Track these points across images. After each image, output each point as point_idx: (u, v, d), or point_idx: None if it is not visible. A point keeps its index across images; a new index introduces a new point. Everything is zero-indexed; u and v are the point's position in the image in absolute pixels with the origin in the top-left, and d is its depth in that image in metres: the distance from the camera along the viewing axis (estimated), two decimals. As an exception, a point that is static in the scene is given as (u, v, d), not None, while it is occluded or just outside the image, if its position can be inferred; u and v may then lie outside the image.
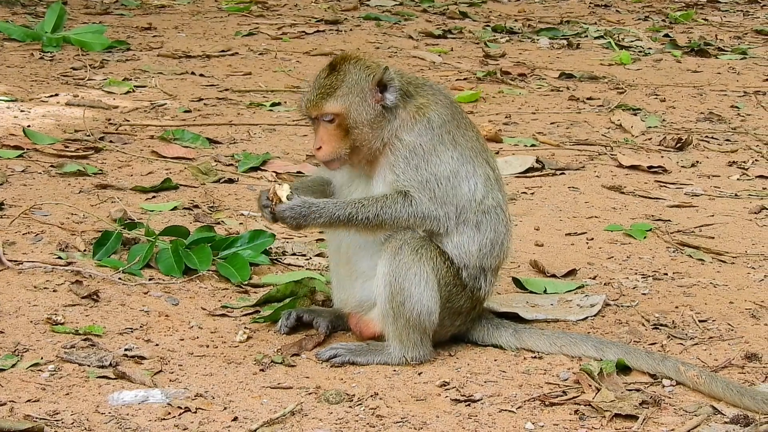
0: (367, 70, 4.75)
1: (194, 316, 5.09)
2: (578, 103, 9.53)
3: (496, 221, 4.80)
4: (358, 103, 4.70)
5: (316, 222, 4.63)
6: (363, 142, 4.70)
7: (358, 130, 4.69)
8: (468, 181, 4.75)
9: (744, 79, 10.82)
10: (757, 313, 5.36)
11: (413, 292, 4.65)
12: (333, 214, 4.61)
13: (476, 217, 4.75)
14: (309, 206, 4.63)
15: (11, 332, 4.77)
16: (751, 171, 7.83)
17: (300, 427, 4.19)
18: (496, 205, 4.80)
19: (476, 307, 4.87)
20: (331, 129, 4.71)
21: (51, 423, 4.09)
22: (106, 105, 8.54)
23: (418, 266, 4.65)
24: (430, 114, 4.74)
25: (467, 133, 4.83)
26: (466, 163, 4.76)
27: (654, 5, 15.27)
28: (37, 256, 5.51)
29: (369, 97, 4.71)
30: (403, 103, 4.75)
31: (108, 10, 12.58)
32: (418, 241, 4.66)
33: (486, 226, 4.78)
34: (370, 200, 4.65)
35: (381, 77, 4.71)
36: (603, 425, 4.28)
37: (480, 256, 4.77)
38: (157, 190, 6.70)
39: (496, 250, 4.81)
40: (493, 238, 4.79)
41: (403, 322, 4.68)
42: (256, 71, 10.06)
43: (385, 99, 4.72)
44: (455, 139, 4.76)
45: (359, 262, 4.80)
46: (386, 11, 13.54)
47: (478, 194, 4.76)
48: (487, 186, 4.79)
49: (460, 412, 4.34)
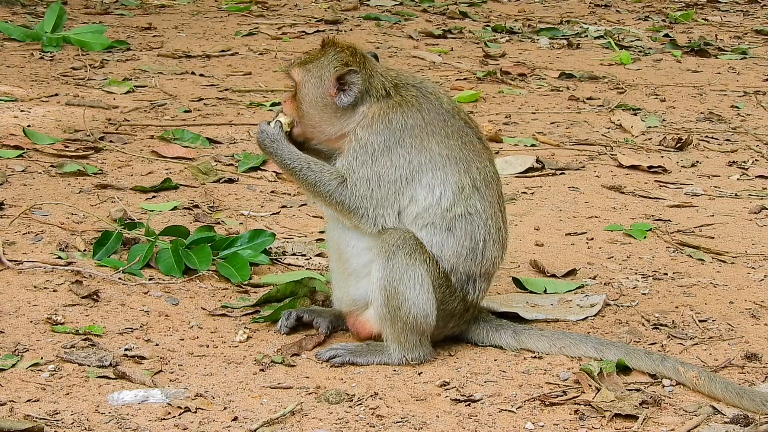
0: (338, 62, 4.77)
1: (194, 316, 5.09)
2: (578, 103, 9.53)
3: (472, 228, 4.73)
4: (313, 85, 4.78)
5: (273, 157, 4.82)
6: (310, 121, 4.80)
7: (305, 107, 4.79)
8: (431, 188, 4.69)
9: (744, 79, 10.83)
10: (757, 313, 5.36)
11: (408, 295, 4.64)
12: (284, 160, 4.78)
13: (445, 222, 4.70)
14: (274, 140, 4.80)
15: (11, 332, 4.77)
16: (751, 171, 7.83)
17: (300, 427, 4.19)
18: (472, 212, 4.72)
19: (469, 310, 4.85)
20: (291, 94, 4.88)
21: (51, 423, 4.09)
22: (106, 105, 8.54)
23: (413, 269, 4.63)
24: (394, 115, 4.71)
25: (446, 140, 4.73)
26: (434, 170, 4.70)
27: (654, 5, 15.27)
28: (37, 256, 5.51)
29: (324, 86, 4.76)
30: (376, 101, 4.73)
31: (108, 10, 12.58)
32: (412, 244, 4.64)
33: (459, 233, 4.72)
34: (316, 166, 4.74)
35: (342, 74, 4.72)
36: (603, 425, 4.28)
37: (459, 261, 4.72)
38: (157, 190, 6.70)
39: (477, 256, 4.75)
40: (470, 244, 4.73)
41: (401, 325, 4.67)
42: (256, 71, 10.06)
43: (338, 96, 4.74)
44: (423, 143, 4.70)
45: (351, 260, 4.80)
46: (386, 11, 13.54)
47: (445, 202, 4.69)
48: (459, 195, 4.70)
49: (460, 412, 4.34)
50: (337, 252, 4.85)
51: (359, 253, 4.76)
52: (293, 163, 4.76)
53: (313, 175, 4.73)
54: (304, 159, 4.77)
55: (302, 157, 4.78)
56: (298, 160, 4.77)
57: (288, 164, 4.77)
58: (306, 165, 4.75)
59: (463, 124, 4.83)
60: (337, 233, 4.83)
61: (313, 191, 4.74)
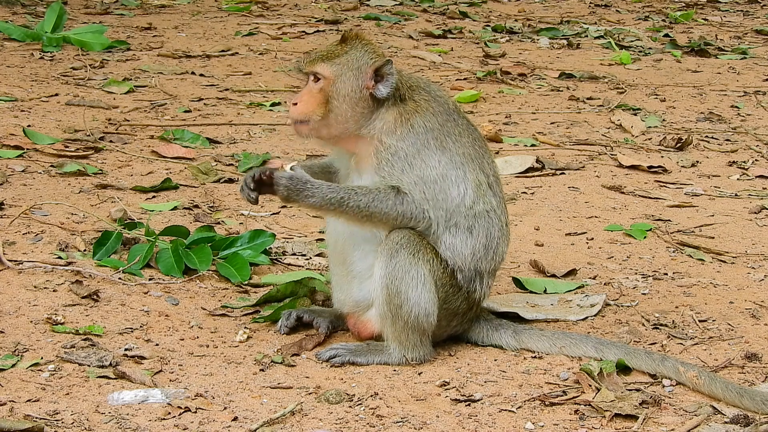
0: (372, 54, 4.78)
1: (194, 316, 5.09)
2: (578, 103, 9.53)
3: (489, 225, 4.78)
4: (349, 78, 4.72)
5: (308, 201, 4.61)
6: (338, 117, 4.69)
7: (337, 103, 4.69)
8: (457, 186, 4.72)
9: (744, 79, 10.83)
10: (757, 313, 5.36)
11: (411, 294, 4.64)
12: (325, 196, 4.60)
13: (467, 222, 4.73)
14: (305, 182, 4.62)
15: (11, 332, 4.77)
16: (751, 171, 7.83)
17: (300, 427, 4.19)
18: (489, 209, 4.77)
19: (473, 308, 4.86)
20: (315, 90, 4.74)
21: (51, 423, 4.09)
22: (106, 105, 8.54)
23: (416, 269, 4.64)
24: (414, 120, 4.72)
25: (460, 139, 4.79)
26: (456, 168, 4.73)
27: (654, 5, 15.27)
28: (37, 256, 5.51)
29: (362, 78, 4.73)
30: (393, 104, 4.74)
31: (108, 10, 12.58)
32: (415, 244, 4.65)
33: (478, 231, 4.76)
34: (363, 189, 4.64)
35: (381, 66, 4.72)
36: (603, 425, 4.28)
37: (474, 260, 4.76)
38: (157, 190, 6.70)
39: (490, 254, 4.79)
40: (486, 242, 4.77)
41: (402, 324, 4.68)
42: (256, 71, 10.06)
43: (376, 88, 4.72)
44: (443, 144, 4.73)
45: (355, 263, 4.80)
46: (386, 11, 13.54)
47: (468, 199, 4.73)
48: (478, 192, 4.75)
49: (460, 412, 4.34)
50: (341, 256, 4.84)
51: (365, 256, 4.76)
52: (337, 195, 4.60)
53: (365, 198, 4.61)
54: (344, 187, 4.63)
55: (340, 186, 4.65)
56: (339, 189, 4.62)
57: (331, 199, 4.60)
58: (351, 191, 4.61)
59: (467, 123, 4.90)
60: (341, 237, 4.81)
61: (367, 214, 4.61)
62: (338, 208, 4.62)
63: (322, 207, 4.63)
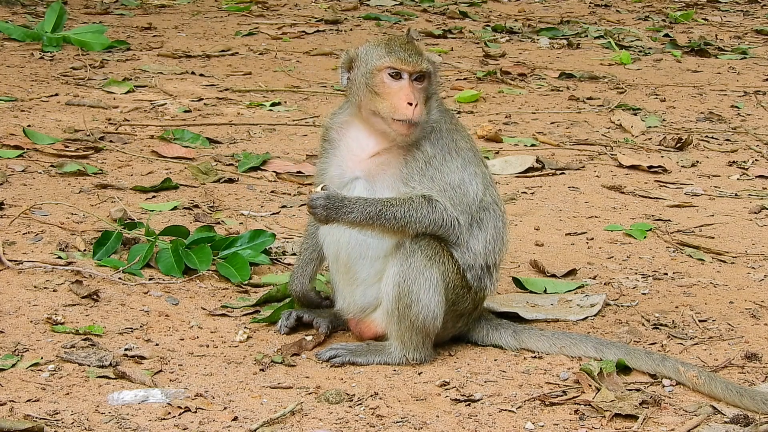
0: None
1: (194, 316, 5.09)
2: (578, 103, 9.53)
3: (495, 217, 4.81)
4: (437, 77, 4.76)
5: (348, 217, 4.55)
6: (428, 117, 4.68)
7: (430, 102, 4.69)
8: (473, 185, 4.75)
9: (744, 79, 10.82)
10: (757, 313, 5.36)
11: (422, 296, 4.64)
12: (364, 210, 4.55)
13: (478, 214, 4.76)
14: (342, 199, 4.55)
15: (11, 332, 4.77)
16: (751, 171, 7.83)
17: (300, 426, 4.19)
18: (492, 201, 4.81)
19: (477, 308, 4.88)
20: (420, 89, 4.66)
21: (51, 423, 4.09)
22: (106, 105, 8.55)
23: (429, 272, 4.64)
24: (441, 124, 4.73)
25: (465, 136, 4.83)
26: (469, 166, 4.76)
27: (654, 5, 15.27)
28: (37, 256, 5.51)
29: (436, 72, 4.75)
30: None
31: (108, 10, 12.58)
32: (433, 247, 4.65)
33: (487, 223, 4.79)
34: (397, 200, 4.61)
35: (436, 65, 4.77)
36: (603, 425, 4.28)
37: (485, 254, 4.78)
38: (157, 190, 6.70)
39: (498, 245, 4.83)
40: (494, 233, 4.80)
41: (407, 324, 4.67)
42: (256, 71, 10.06)
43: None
44: (458, 144, 4.76)
45: (360, 270, 4.77)
46: (386, 11, 13.54)
47: (479, 193, 4.77)
48: (484, 183, 4.80)
49: (460, 412, 4.34)
50: (346, 264, 4.80)
51: (372, 263, 4.75)
52: (375, 208, 4.56)
53: (400, 208, 4.58)
54: (378, 200, 4.59)
55: (373, 199, 4.60)
56: (374, 202, 4.58)
57: (370, 212, 4.55)
58: (386, 203, 4.58)
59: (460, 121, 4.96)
60: (344, 249, 4.76)
61: (402, 223, 4.58)
62: (376, 221, 4.57)
63: (361, 222, 4.57)
